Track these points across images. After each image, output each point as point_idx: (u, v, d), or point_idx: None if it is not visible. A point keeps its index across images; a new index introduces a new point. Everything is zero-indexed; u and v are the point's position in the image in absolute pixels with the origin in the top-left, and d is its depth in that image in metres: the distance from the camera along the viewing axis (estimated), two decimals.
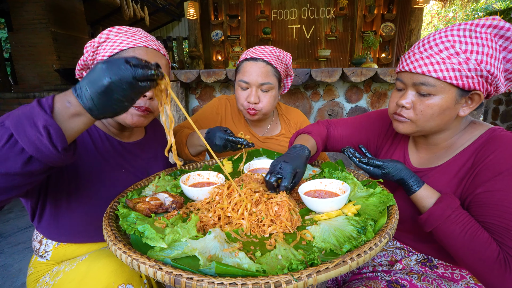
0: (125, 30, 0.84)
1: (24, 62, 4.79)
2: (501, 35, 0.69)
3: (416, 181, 0.78)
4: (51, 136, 0.50)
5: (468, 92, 0.73)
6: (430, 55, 0.72)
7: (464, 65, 0.69)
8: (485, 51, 0.68)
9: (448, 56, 0.70)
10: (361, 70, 2.02)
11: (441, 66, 0.70)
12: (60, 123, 0.52)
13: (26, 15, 4.61)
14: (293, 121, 1.41)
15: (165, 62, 0.90)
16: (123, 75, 0.51)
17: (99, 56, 0.83)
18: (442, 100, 0.73)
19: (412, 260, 0.88)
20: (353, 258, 0.48)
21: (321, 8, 5.56)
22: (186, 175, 0.87)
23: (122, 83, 0.52)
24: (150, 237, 0.56)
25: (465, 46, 0.69)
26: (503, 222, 0.66)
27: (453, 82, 0.71)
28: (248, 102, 1.17)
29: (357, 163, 0.87)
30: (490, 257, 0.65)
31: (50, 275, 0.83)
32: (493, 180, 0.69)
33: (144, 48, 0.83)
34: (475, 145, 0.77)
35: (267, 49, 1.17)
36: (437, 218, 0.71)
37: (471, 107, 0.75)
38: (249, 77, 1.15)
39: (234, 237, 0.60)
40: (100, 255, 0.76)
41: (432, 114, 0.75)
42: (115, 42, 0.81)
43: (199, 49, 5.63)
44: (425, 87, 0.74)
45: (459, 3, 6.20)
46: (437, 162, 0.84)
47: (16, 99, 4.51)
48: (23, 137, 0.49)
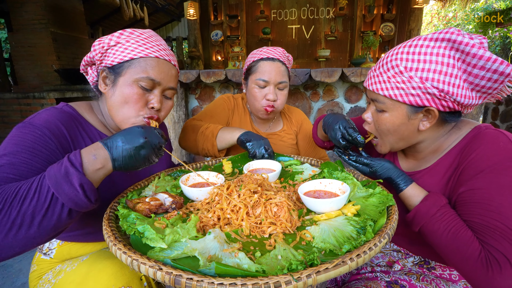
0: (137, 35, 0.82)
1: (24, 62, 4.79)
2: (457, 49, 0.66)
3: (404, 180, 0.78)
4: (86, 192, 0.58)
5: (421, 107, 0.73)
6: (380, 73, 0.76)
7: (407, 83, 0.71)
8: (432, 67, 0.68)
9: (393, 75, 0.73)
10: (360, 70, 2.02)
11: (387, 84, 0.74)
12: (89, 177, 0.60)
13: (26, 15, 4.62)
14: (295, 119, 1.47)
15: (175, 72, 0.90)
16: (153, 140, 0.68)
17: (108, 59, 0.81)
18: (393, 116, 0.77)
19: (409, 262, 0.88)
20: (352, 259, 0.48)
21: (321, 8, 5.56)
22: (186, 176, 0.87)
23: (152, 145, 0.67)
24: (150, 237, 0.57)
25: (410, 64, 0.70)
26: (484, 220, 0.65)
27: (399, 100, 0.73)
28: (267, 100, 1.22)
29: (347, 160, 0.89)
30: (472, 255, 0.64)
31: (53, 273, 0.83)
32: (474, 178, 0.68)
33: (155, 59, 0.82)
34: (461, 144, 0.77)
35: (280, 50, 1.26)
36: (423, 216, 0.71)
37: (430, 121, 0.75)
38: (268, 76, 1.20)
39: (234, 238, 0.61)
40: (101, 257, 0.76)
41: (388, 129, 0.79)
42: (126, 49, 0.80)
43: (199, 49, 5.63)
44: (377, 103, 0.79)
45: (459, 3, 6.20)
46: (426, 165, 0.84)
47: (15, 99, 4.51)
48: (63, 195, 0.56)
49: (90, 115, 0.88)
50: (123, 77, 0.80)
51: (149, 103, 0.83)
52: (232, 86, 2.41)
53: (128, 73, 0.80)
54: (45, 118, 0.74)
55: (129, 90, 0.80)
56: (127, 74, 0.80)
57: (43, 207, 0.55)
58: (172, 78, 0.87)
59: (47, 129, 0.72)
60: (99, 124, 0.88)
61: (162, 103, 0.86)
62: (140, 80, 0.80)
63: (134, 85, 0.80)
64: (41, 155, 0.68)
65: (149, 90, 0.82)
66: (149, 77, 0.80)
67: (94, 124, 0.87)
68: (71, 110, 0.83)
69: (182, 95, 2.32)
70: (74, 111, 0.83)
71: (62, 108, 0.81)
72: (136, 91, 0.80)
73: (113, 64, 0.80)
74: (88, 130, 0.84)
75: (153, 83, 0.82)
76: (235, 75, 2.11)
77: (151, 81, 0.81)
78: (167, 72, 0.84)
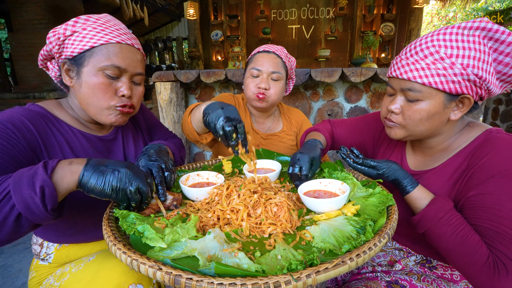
0: (94, 21, 0.76)
1: (24, 62, 4.79)
2: (490, 37, 0.67)
3: (410, 182, 0.78)
4: (44, 196, 0.54)
5: (456, 96, 0.72)
6: (415, 60, 0.72)
7: (449, 70, 0.68)
8: (472, 54, 0.67)
9: (433, 61, 0.70)
10: (360, 70, 2.02)
11: (426, 72, 0.70)
12: (54, 182, 0.57)
13: (26, 15, 4.61)
14: (294, 120, 1.46)
15: (141, 57, 0.85)
16: (135, 192, 0.64)
17: (67, 51, 0.76)
18: (430, 105, 0.73)
19: (411, 261, 0.88)
20: (352, 258, 0.48)
21: (321, 8, 5.56)
22: (185, 175, 0.87)
23: (133, 193, 0.63)
24: (149, 237, 0.57)
25: (450, 50, 0.68)
26: (493, 225, 0.65)
27: (439, 88, 0.70)
28: (258, 87, 1.23)
29: (351, 163, 0.88)
30: (480, 260, 0.64)
31: (54, 277, 0.82)
32: (485, 183, 0.68)
33: (117, 45, 0.77)
34: (470, 147, 0.76)
35: (278, 47, 1.29)
36: (430, 220, 0.71)
37: (462, 110, 0.74)
38: (261, 65, 1.23)
39: (233, 237, 0.61)
40: (110, 255, 0.76)
41: (421, 119, 0.75)
42: (84, 38, 0.74)
43: (199, 49, 5.63)
44: (412, 92, 0.74)
45: (459, 3, 6.20)
46: (433, 164, 0.84)
47: (16, 99, 4.51)
48: (18, 195, 0.52)
49: (60, 111, 0.84)
50: (87, 68, 0.75)
51: (118, 91, 0.79)
52: (232, 86, 2.41)
53: (90, 62, 0.75)
54: (9, 114, 0.72)
55: (95, 80, 0.75)
56: (90, 64, 0.75)
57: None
58: (138, 63, 0.82)
59: (10, 123, 0.69)
60: (71, 119, 0.85)
61: (132, 90, 0.82)
62: (105, 69, 0.75)
63: (99, 74, 0.75)
64: (3, 149, 0.65)
65: (116, 78, 0.78)
66: (113, 65, 0.76)
67: (65, 120, 0.83)
68: (39, 108, 0.80)
69: (182, 95, 2.32)
70: (42, 109, 0.80)
71: (29, 107, 0.79)
72: (102, 81, 0.76)
73: (73, 55, 0.76)
74: (58, 125, 0.81)
75: (119, 70, 0.77)
76: (235, 75, 2.11)
77: (116, 69, 0.76)
78: (132, 57, 0.80)
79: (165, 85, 2.18)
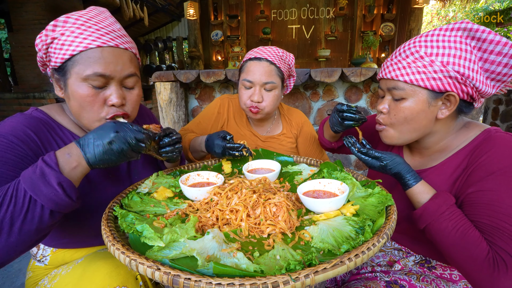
0: (72, 23, 0.69)
1: (24, 62, 4.79)
2: (472, 37, 0.69)
3: (413, 176, 0.78)
4: (66, 190, 0.57)
5: (441, 94, 0.74)
6: (398, 61, 0.78)
7: (429, 67, 0.72)
8: (452, 52, 0.70)
9: (414, 60, 0.74)
10: (360, 70, 2.02)
11: (407, 70, 0.75)
12: (67, 176, 0.59)
13: (26, 15, 4.61)
14: (295, 122, 1.41)
15: (129, 56, 0.76)
16: (126, 134, 0.64)
17: (52, 60, 0.71)
18: (413, 103, 0.77)
19: (410, 261, 0.88)
20: (351, 259, 0.48)
21: (321, 8, 5.56)
22: (185, 175, 0.87)
23: (124, 139, 0.64)
24: (148, 236, 0.57)
25: (430, 50, 0.72)
26: (493, 221, 0.66)
27: (420, 85, 0.74)
28: (251, 101, 1.18)
29: (356, 152, 0.87)
30: (480, 255, 0.64)
31: (48, 278, 0.82)
32: (485, 180, 0.69)
33: (97, 50, 0.69)
34: (470, 146, 0.77)
35: (271, 49, 1.19)
36: (431, 214, 0.71)
37: (449, 109, 0.76)
38: (253, 76, 1.16)
39: (232, 238, 0.61)
40: (96, 258, 0.75)
41: (405, 117, 0.78)
42: (64, 45, 0.69)
43: (199, 49, 5.63)
44: (396, 91, 0.78)
45: (459, 3, 6.20)
46: (432, 163, 0.84)
47: (16, 99, 4.52)
48: (42, 196, 0.55)
49: (62, 117, 0.82)
50: (70, 79, 0.71)
51: (107, 101, 0.73)
52: (232, 86, 2.41)
53: (73, 73, 0.70)
54: (11, 125, 0.70)
55: (80, 92, 0.70)
56: (73, 75, 0.70)
57: (22, 211, 0.54)
58: (126, 65, 0.74)
59: (14, 136, 0.68)
60: (72, 125, 0.83)
61: (124, 97, 0.76)
62: (88, 79, 0.69)
63: (83, 85, 0.70)
64: (11, 163, 0.65)
65: (102, 87, 0.72)
66: (96, 73, 0.69)
67: (67, 126, 0.81)
68: (41, 114, 0.78)
69: (182, 95, 2.32)
70: (44, 115, 0.78)
71: (31, 114, 0.76)
72: (87, 93, 0.70)
73: (57, 65, 0.71)
74: (60, 133, 0.79)
75: (104, 78, 0.71)
76: (235, 75, 2.11)
77: (100, 77, 0.70)
78: (116, 60, 0.72)
79: (165, 85, 2.18)
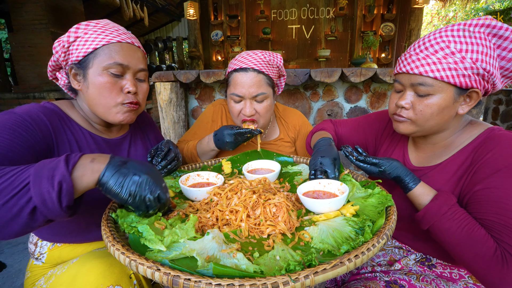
0: (94, 26, 0.81)
1: (24, 62, 4.78)
2: (494, 34, 0.71)
3: (412, 178, 0.78)
4: (61, 192, 0.53)
5: (465, 90, 0.74)
6: (426, 55, 0.74)
7: (460, 64, 0.71)
8: (480, 49, 0.70)
9: (444, 56, 0.72)
10: (360, 70, 2.01)
11: (438, 66, 0.72)
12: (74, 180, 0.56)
13: (26, 15, 4.61)
14: (291, 124, 1.34)
15: (141, 54, 0.89)
16: (147, 197, 0.62)
17: (72, 56, 0.81)
18: (441, 99, 0.75)
19: (411, 259, 0.88)
20: (350, 259, 0.48)
21: (321, 8, 5.55)
22: (185, 175, 0.87)
23: (152, 201, 0.63)
24: (148, 238, 0.57)
25: (460, 45, 0.71)
26: (501, 219, 0.66)
27: (450, 81, 0.72)
28: (243, 114, 1.12)
29: (354, 161, 0.88)
30: (487, 253, 0.65)
31: (44, 278, 0.82)
32: (491, 178, 0.69)
33: (118, 44, 0.81)
34: (473, 144, 0.77)
35: (256, 56, 1.10)
36: (434, 215, 0.72)
37: (469, 105, 0.77)
38: (241, 90, 1.08)
39: (232, 238, 0.61)
40: (90, 257, 0.75)
41: (432, 113, 0.77)
42: (87, 41, 0.79)
43: (199, 49, 5.63)
44: (423, 87, 0.75)
45: (459, 3, 6.20)
46: (436, 160, 0.85)
47: (16, 99, 4.51)
48: (37, 188, 0.52)
49: (72, 112, 0.88)
50: (92, 69, 0.80)
51: (124, 89, 0.83)
52: None
53: (95, 63, 0.80)
54: (26, 108, 0.75)
55: (101, 80, 0.80)
56: (94, 65, 0.80)
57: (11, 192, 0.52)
58: (139, 60, 0.87)
59: (29, 116, 0.73)
60: (82, 120, 0.89)
61: (137, 86, 0.86)
62: (109, 68, 0.80)
63: (104, 74, 0.80)
64: (22, 138, 0.68)
65: (120, 75, 0.82)
66: (116, 62, 0.80)
67: (76, 120, 0.87)
68: (53, 107, 0.84)
69: (182, 95, 2.32)
70: (56, 108, 0.84)
71: (44, 104, 0.82)
72: (107, 80, 0.80)
73: (78, 59, 0.80)
74: (69, 124, 0.85)
75: (122, 68, 0.82)
76: None
77: (119, 66, 0.81)
78: (133, 54, 0.84)
79: (165, 85, 2.18)
